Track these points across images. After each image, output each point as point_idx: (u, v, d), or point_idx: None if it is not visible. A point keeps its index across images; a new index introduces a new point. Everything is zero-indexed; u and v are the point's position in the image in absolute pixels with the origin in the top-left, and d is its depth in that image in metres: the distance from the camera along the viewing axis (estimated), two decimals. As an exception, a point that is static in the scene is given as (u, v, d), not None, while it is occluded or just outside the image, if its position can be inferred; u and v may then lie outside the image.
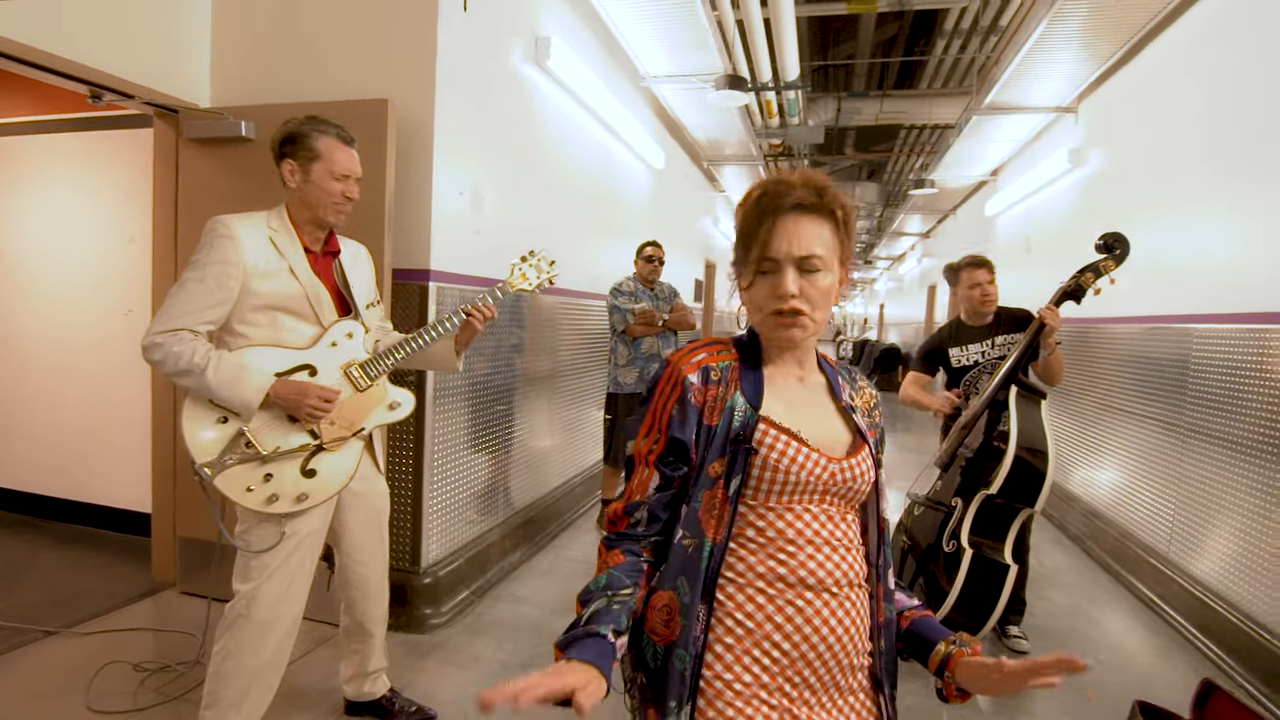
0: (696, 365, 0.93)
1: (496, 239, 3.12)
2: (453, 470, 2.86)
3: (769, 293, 0.89)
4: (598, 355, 4.62)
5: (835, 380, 0.99)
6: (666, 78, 4.86)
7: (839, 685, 0.89)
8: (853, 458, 0.92)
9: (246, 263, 1.61)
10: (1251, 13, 2.97)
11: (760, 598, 0.87)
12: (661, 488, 0.92)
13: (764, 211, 0.89)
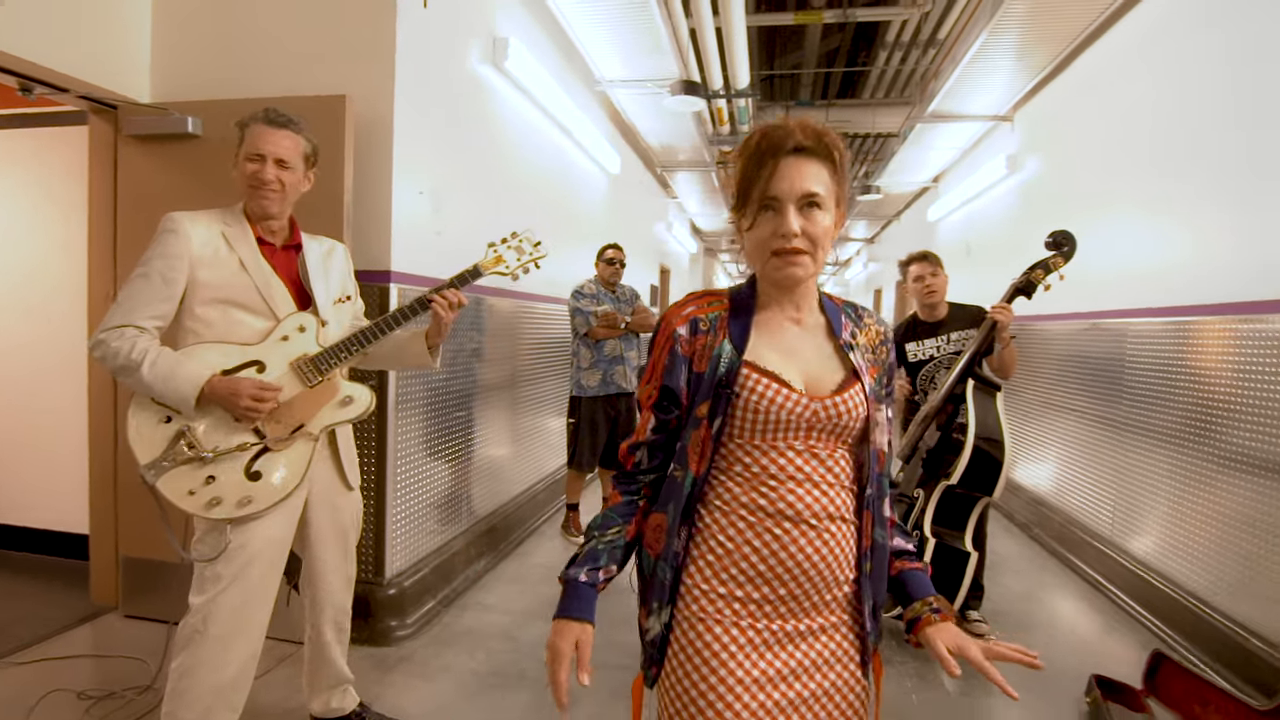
0: (685, 318, 1.00)
1: (457, 241, 3.06)
2: (415, 479, 2.79)
3: (771, 231, 0.93)
4: (558, 360, 4.58)
5: (837, 319, 1.02)
6: (622, 82, 4.88)
7: (814, 604, 0.96)
8: (840, 394, 0.96)
9: (192, 253, 1.56)
10: (1177, 25, 3.18)
11: (740, 524, 0.95)
12: (657, 429, 1.02)
13: (765, 154, 0.92)
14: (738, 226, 1.00)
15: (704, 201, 9.23)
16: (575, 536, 3.81)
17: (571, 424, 3.84)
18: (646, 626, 0.99)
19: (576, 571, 0.99)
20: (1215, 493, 2.75)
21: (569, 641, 0.94)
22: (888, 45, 7.11)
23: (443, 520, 3.07)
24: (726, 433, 0.97)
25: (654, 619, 0.98)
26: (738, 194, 0.97)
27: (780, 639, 0.95)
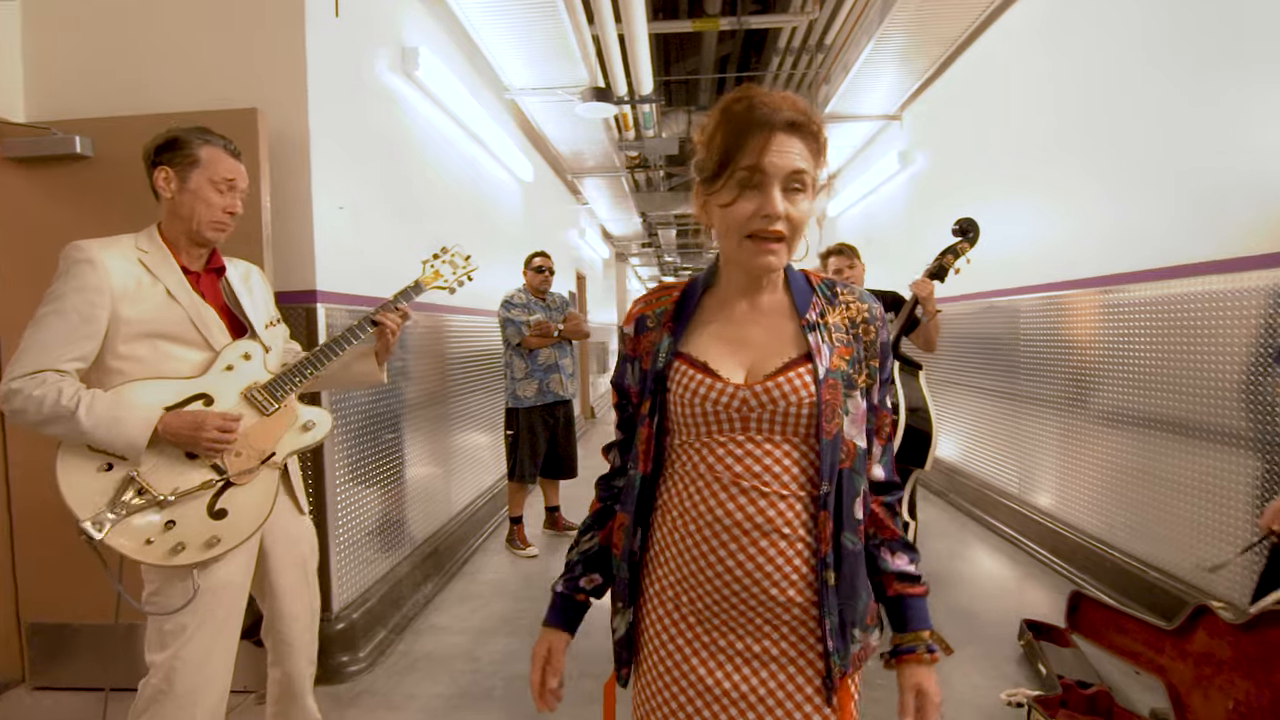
0: (632, 317, 0.99)
1: (380, 256, 2.97)
2: (354, 507, 2.67)
3: (754, 210, 0.83)
4: (488, 372, 4.50)
5: (804, 298, 0.92)
6: (531, 90, 4.87)
7: (757, 626, 0.87)
8: (777, 377, 0.86)
9: (113, 287, 1.42)
10: (1044, 28, 3.53)
11: (682, 529, 0.90)
12: (621, 425, 1.03)
13: (757, 123, 0.82)
14: (702, 203, 0.90)
15: (614, 207, 9.30)
16: (521, 549, 3.75)
17: (510, 436, 3.79)
18: (614, 626, 0.98)
19: (557, 582, 1.04)
20: (1099, 448, 3.07)
21: (542, 648, 1.01)
22: (780, 51, 7.44)
23: (385, 547, 2.95)
24: (666, 430, 0.93)
25: (619, 619, 0.97)
26: (718, 163, 0.85)
27: (731, 656, 0.88)
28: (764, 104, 0.83)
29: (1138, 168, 2.81)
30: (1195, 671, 1.88)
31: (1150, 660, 2.05)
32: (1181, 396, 2.62)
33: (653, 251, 14.76)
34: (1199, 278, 2.51)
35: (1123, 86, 2.87)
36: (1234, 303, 2.37)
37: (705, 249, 16.65)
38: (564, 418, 3.87)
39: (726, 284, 0.94)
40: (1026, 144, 3.67)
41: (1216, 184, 2.43)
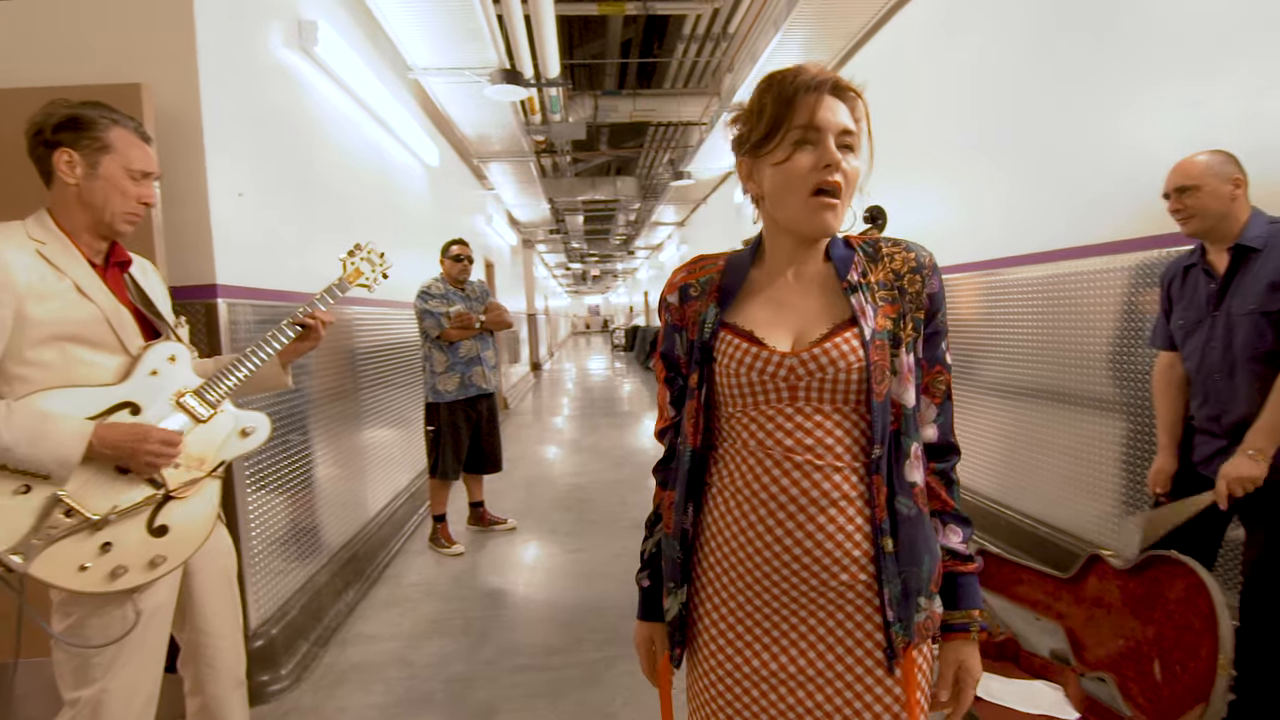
0: (675, 286, 0.97)
1: (285, 247, 2.77)
2: (265, 515, 2.50)
3: (812, 163, 0.83)
4: (402, 367, 4.32)
5: (845, 263, 0.90)
6: (436, 70, 4.66)
7: (813, 601, 0.85)
8: (823, 343, 0.85)
9: (17, 284, 1.25)
10: (941, 23, 3.75)
11: (738, 510, 0.88)
12: (675, 401, 0.98)
13: (806, 86, 0.84)
14: (748, 171, 0.90)
15: (520, 192, 9.12)
16: (446, 548, 3.64)
17: (430, 432, 3.65)
18: (666, 607, 0.96)
19: (640, 576, 1.05)
20: (991, 417, 3.35)
21: (643, 640, 1.04)
22: (684, 38, 7.52)
23: (300, 556, 2.79)
24: (715, 402, 0.92)
25: (672, 599, 0.95)
26: (769, 126, 0.85)
27: (787, 632, 0.86)
28: (811, 70, 0.86)
29: (1026, 159, 3.06)
30: (1088, 614, 2.10)
31: (1048, 607, 2.27)
32: (1060, 368, 2.90)
33: (560, 238, 14.61)
34: (1076, 260, 2.77)
35: (1013, 82, 3.11)
36: (1104, 282, 2.64)
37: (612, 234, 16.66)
38: (487, 411, 3.78)
39: (772, 256, 0.94)
40: (924, 135, 3.90)
41: (1095, 175, 2.68)
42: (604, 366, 16.25)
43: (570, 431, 7.43)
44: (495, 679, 2.38)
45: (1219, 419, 1.78)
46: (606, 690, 2.28)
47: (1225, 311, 1.74)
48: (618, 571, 3.29)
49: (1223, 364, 1.75)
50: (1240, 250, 1.71)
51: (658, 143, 10.79)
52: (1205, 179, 1.72)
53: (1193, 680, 1.70)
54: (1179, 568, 1.80)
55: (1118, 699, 1.91)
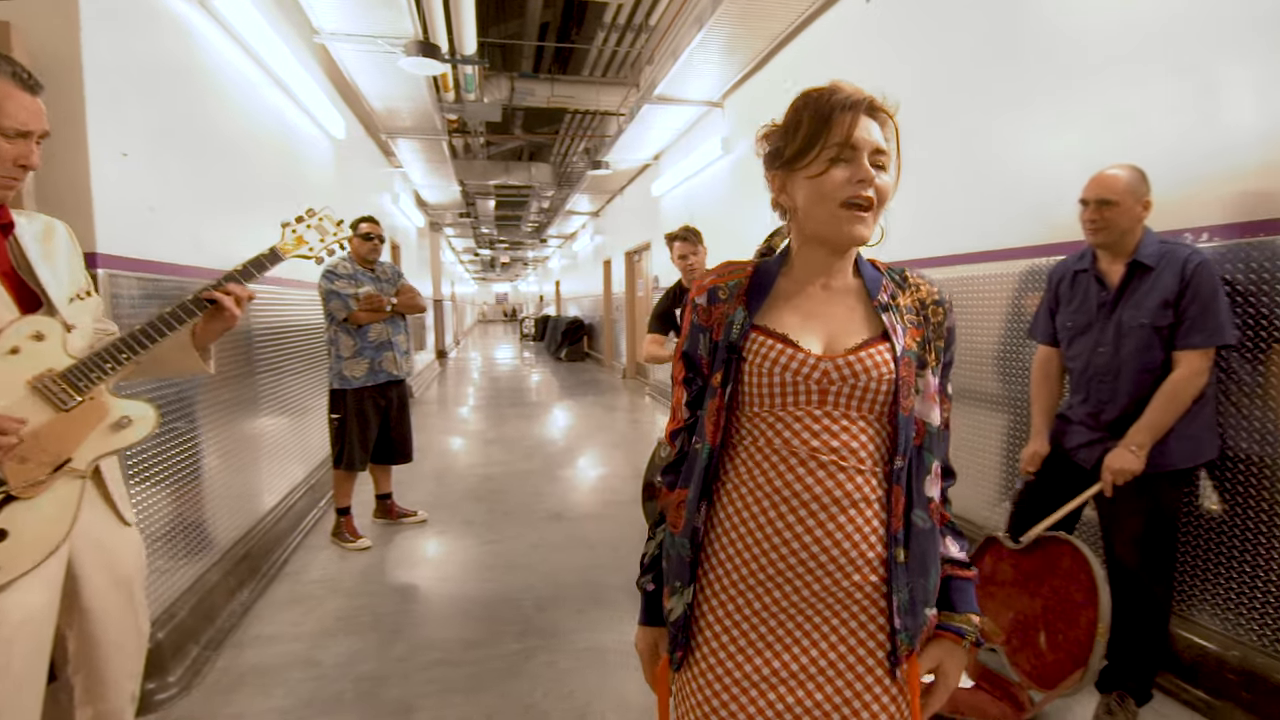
0: (704, 288, 0.97)
1: (175, 215, 2.52)
2: (149, 510, 2.28)
3: (846, 178, 0.87)
4: (303, 351, 4.05)
5: (875, 282, 0.95)
6: (346, 36, 4.38)
7: (824, 601, 0.87)
8: (859, 352, 0.88)
9: None
10: (861, 26, 3.91)
11: (754, 505, 0.89)
12: (691, 404, 0.98)
13: (843, 105, 0.88)
14: (781, 185, 0.94)
15: (429, 172, 8.75)
16: (351, 542, 3.46)
17: (335, 420, 3.45)
18: (670, 607, 0.95)
19: (644, 580, 1.02)
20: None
21: (648, 646, 1.02)
22: (605, 26, 7.46)
23: (188, 553, 2.56)
24: (738, 401, 0.92)
25: (676, 599, 0.94)
26: (805, 142, 0.89)
27: (791, 630, 0.88)
28: (847, 89, 0.90)
29: (939, 165, 3.25)
30: (983, 590, 2.28)
31: (946, 586, 2.45)
32: (957, 368, 3.11)
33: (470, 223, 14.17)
34: (974, 265, 2.99)
35: (927, 92, 3.29)
36: (997, 286, 2.86)
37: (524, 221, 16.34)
38: (398, 398, 3.61)
39: (801, 266, 0.95)
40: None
41: (1001, 185, 2.89)
42: (512, 356, 15.95)
43: (479, 422, 7.25)
44: (409, 676, 2.29)
45: (1098, 415, 1.97)
46: (526, 682, 2.25)
47: (1116, 320, 1.90)
48: (535, 562, 3.25)
49: (1109, 368, 1.92)
50: (1135, 266, 1.87)
51: (574, 130, 10.66)
52: (1124, 197, 1.85)
53: (1073, 647, 1.88)
54: (1065, 546, 1.98)
55: (1007, 666, 2.08)
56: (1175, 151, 2.09)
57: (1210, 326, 1.74)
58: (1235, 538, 1.98)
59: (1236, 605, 1.99)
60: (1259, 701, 1.90)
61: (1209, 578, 2.06)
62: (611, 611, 2.72)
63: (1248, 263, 1.90)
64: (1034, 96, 2.65)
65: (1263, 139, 1.88)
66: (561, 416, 7.51)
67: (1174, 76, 2.10)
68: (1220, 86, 1.98)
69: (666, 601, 0.96)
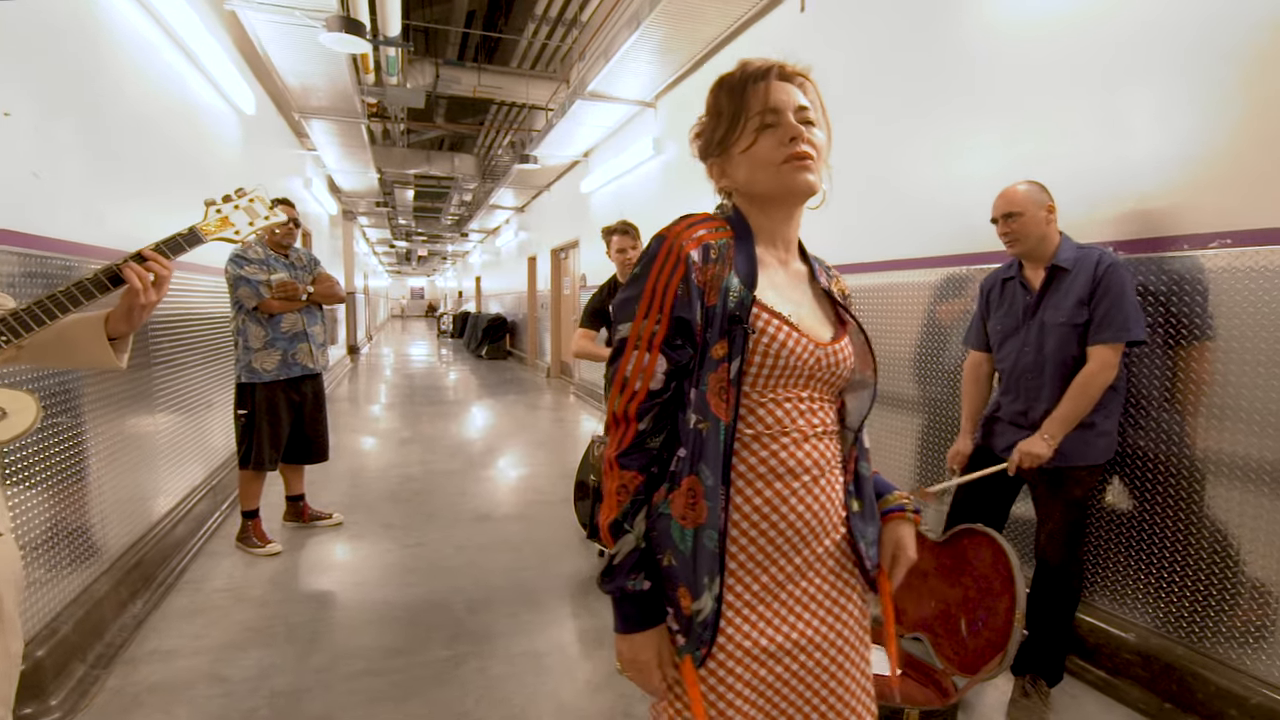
0: (698, 241, 0.89)
1: (65, 186, 2.27)
2: (25, 514, 2.03)
3: (777, 141, 0.89)
4: (206, 342, 3.74)
5: (814, 266, 1.00)
6: (259, 4, 4.08)
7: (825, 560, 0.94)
8: (837, 342, 0.94)
9: None
10: (790, 41, 4.00)
11: (759, 483, 0.89)
12: (672, 374, 0.88)
13: (756, 76, 0.91)
14: (720, 167, 0.95)
15: (345, 157, 8.31)
16: (259, 547, 3.22)
17: (242, 416, 3.20)
18: (696, 607, 0.87)
19: (623, 580, 0.88)
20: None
21: (653, 653, 0.89)
22: (535, 18, 7.34)
23: (72, 562, 2.31)
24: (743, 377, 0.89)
25: (706, 595, 0.86)
26: (729, 122, 0.91)
27: (802, 600, 0.92)
28: (755, 62, 0.93)
29: (867, 177, 3.37)
30: (906, 582, 2.38)
31: (873, 579, 2.54)
32: (883, 370, 3.24)
33: (386, 213, 13.59)
34: (896, 272, 3.12)
35: (859, 104, 3.41)
36: (917, 293, 3.00)
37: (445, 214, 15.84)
38: (313, 394, 3.39)
39: (760, 236, 0.96)
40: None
41: (924, 198, 3.02)
42: (429, 353, 15.42)
43: (397, 421, 6.95)
44: (330, 687, 2.14)
45: (1026, 413, 2.09)
46: (457, 689, 2.16)
47: (1039, 321, 2.04)
48: (462, 565, 3.13)
49: (1034, 366, 2.05)
50: (1054, 270, 2.01)
51: (500, 123, 10.43)
52: (1027, 206, 2.00)
53: (992, 634, 1.99)
54: (983, 538, 2.09)
55: (931, 654, 2.18)
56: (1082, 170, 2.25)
57: (1118, 323, 1.88)
58: (1133, 530, 2.16)
59: (1134, 591, 2.17)
60: (1154, 679, 2.07)
61: (1109, 566, 2.24)
62: (545, 614, 2.66)
63: (1156, 274, 2.07)
64: (954, 113, 2.80)
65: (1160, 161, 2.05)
66: (483, 415, 7.32)
67: (1084, 101, 2.27)
68: (1123, 112, 2.15)
69: (688, 602, 0.87)
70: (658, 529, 0.90)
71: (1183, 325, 2.01)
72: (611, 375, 0.90)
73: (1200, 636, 1.99)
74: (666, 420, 0.90)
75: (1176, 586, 2.05)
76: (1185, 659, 2.00)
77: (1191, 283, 1.98)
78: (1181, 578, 2.04)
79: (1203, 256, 1.96)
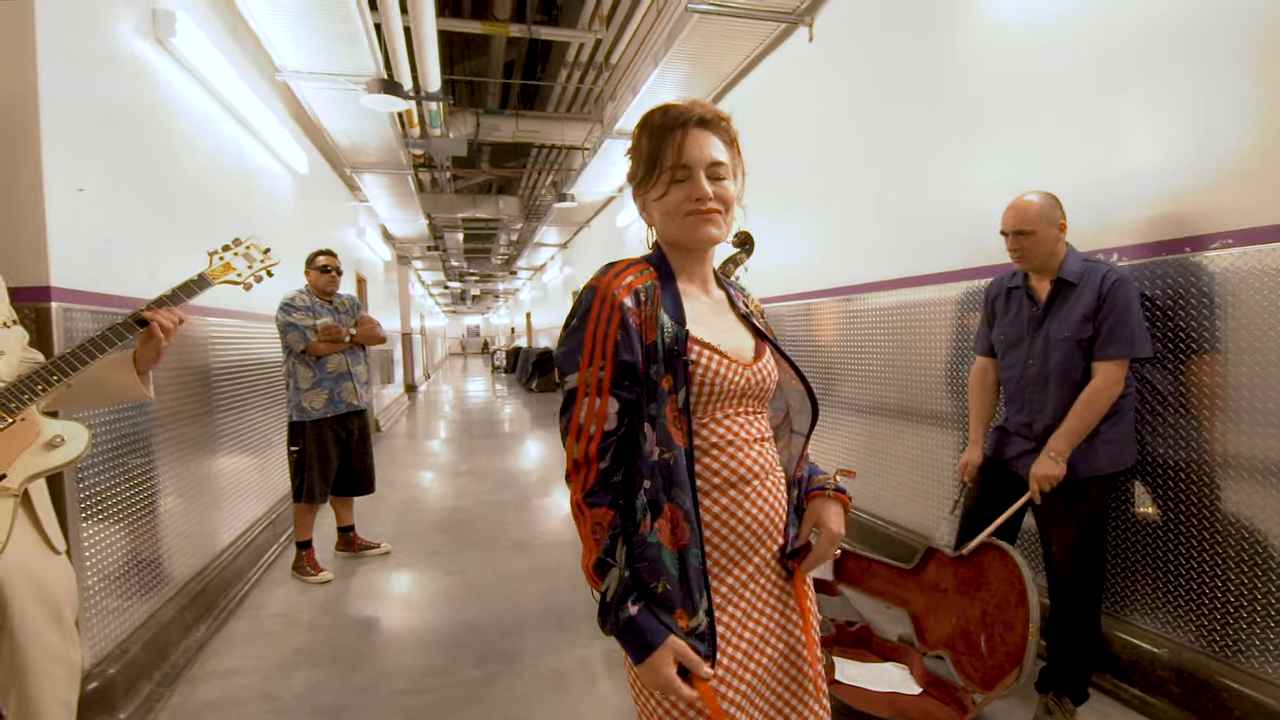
0: (628, 289, 0.96)
1: (133, 250, 2.55)
2: (100, 545, 2.25)
3: (685, 196, 0.96)
4: (264, 387, 4.03)
5: (730, 292, 1.10)
6: (307, 74, 4.46)
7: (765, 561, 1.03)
8: (759, 360, 1.04)
9: None
10: (806, 63, 4.11)
11: (715, 492, 0.98)
12: (622, 412, 0.94)
13: (672, 125, 0.96)
14: (642, 201, 1.03)
15: (396, 206, 8.82)
16: (313, 576, 3.42)
17: (295, 453, 3.44)
18: (693, 624, 0.93)
19: (626, 610, 0.92)
20: (846, 433, 3.67)
21: (669, 665, 0.90)
22: (567, 64, 7.68)
23: (142, 590, 2.53)
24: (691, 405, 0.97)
25: (700, 612, 0.94)
26: (646, 166, 0.98)
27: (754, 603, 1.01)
28: (676, 108, 0.97)
29: (876, 196, 3.42)
30: (927, 599, 2.36)
31: (895, 595, 2.52)
32: (904, 387, 3.24)
33: (438, 256, 14.20)
34: (918, 288, 3.13)
35: (868, 128, 3.47)
36: (940, 308, 3.00)
37: (494, 254, 16.41)
38: (359, 429, 3.61)
39: (679, 272, 1.04)
40: (785, 171, 4.25)
41: (932, 215, 3.05)
42: (484, 389, 15.88)
43: (448, 454, 7.21)
44: (368, 705, 2.28)
45: (1031, 425, 2.08)
46: (486, 706, 2.25)
47: (1045, 334, 2.02)
48: (501, 590, 3.25)
49: (1039, 379, 2.04)
50: (1059, 282, 1.99)
51: (540, 164, 10.84)
52: (1038, 224, 1.97)
53: (1010, 649, 1.96)
54: (998, 552, 2.07)
55: (953, 672, 2.15)
56: (1087, 180, 2.25)
57: (1123, 339, 1.86)
58: (1162, 540, 2.10)
59: (1166, 605, 2.10)
60: (1189, 696, 1.99)
61: (1140, 579, 2.17)
62: (573, 635, 2.74)
63: (1163, 280, 2.04)
64: (962, 130, 2.83)
65: (1161, 168, 2.04)
66: (533, 447, 7.50)
67: (1088, 113, 2.28)
68: (1126, 122, 2.15)
69: (685, 620, 0.93)
70: (648, 558, 0.93)
71: (1203, 328, 1.97)
72: (566, 424, 0.95)
73: (1235, 650, 1.92)
74: (622, 457, 0.95)
75: (1207, 598, 1.98)
76: (1219, 673, 1.93)
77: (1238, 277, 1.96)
78: (1211, 589, 1.97)
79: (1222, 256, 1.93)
